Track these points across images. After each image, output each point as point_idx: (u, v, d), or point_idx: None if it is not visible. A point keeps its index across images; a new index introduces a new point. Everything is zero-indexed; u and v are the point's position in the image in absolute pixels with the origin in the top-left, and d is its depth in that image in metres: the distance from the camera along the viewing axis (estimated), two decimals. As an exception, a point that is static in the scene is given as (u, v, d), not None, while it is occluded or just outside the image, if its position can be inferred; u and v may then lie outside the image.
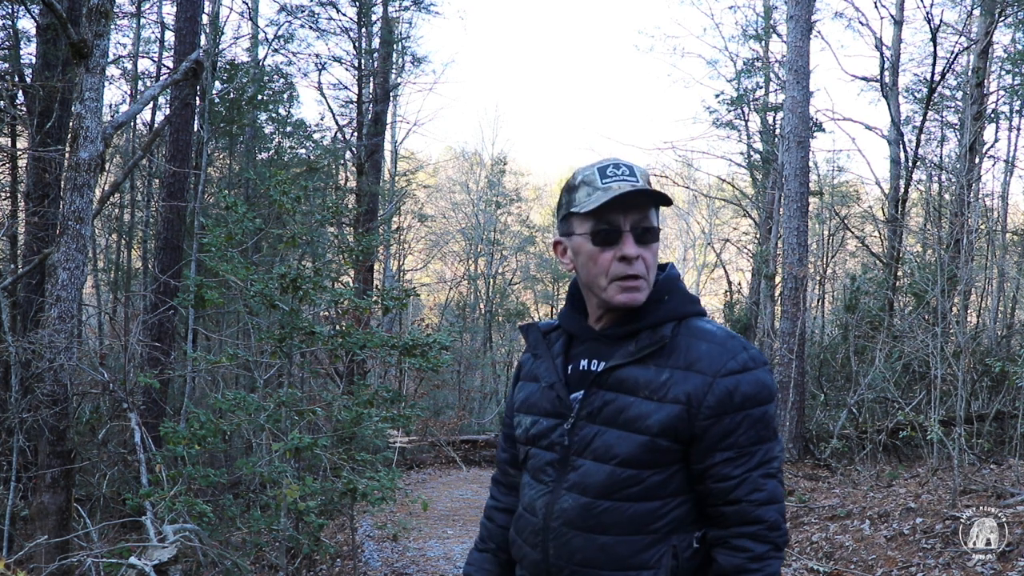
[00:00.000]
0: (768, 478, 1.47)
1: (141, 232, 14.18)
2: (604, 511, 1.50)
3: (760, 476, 1.46)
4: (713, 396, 1.45)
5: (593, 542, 1.50)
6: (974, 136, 11.59)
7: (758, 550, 1.45)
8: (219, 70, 12.18)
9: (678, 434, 1.47)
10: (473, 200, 23.45)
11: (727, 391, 1.45)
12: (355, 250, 7.41)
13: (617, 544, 1.49)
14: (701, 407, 1.45)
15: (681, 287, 1.58)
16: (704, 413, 1.45)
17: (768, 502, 1.46)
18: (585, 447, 1.52)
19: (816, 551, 6.49)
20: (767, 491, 1.46)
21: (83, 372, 6.36)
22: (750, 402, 1.46)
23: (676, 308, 1.54)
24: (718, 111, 16.60)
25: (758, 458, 1.46)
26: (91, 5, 5.21)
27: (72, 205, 5.19)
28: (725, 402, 1.45)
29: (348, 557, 6.26)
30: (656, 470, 1.48)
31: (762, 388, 1.47)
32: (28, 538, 4.99)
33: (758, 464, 1.46)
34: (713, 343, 1.49)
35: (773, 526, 1.46)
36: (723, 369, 1.46)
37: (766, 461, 1.47)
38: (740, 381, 1.46)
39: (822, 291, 17.40)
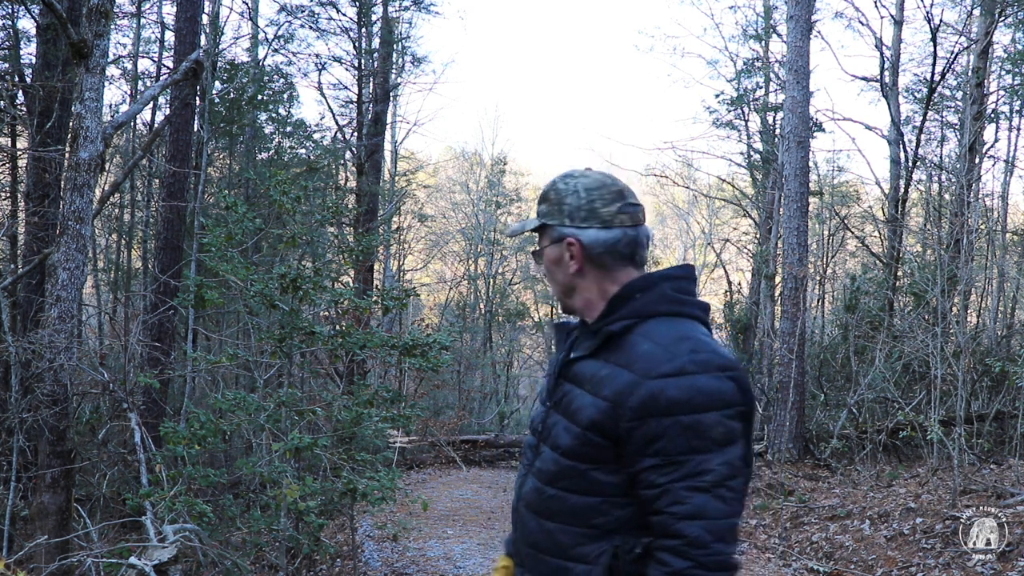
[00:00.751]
0: (695, 491, 1.38)
1: (141, 232, 14.18)
2: (550, 498, 1.54)
3: (684, 488, 1.38)
4: (636, 398, 1.42)
5: (542, 526, 1.56)
6: (974, 136, 11.60)
7: (677, 565, 1.38)
8: (219, 70, 12.18)
9: (605, 431, 1.46)
10: (473, 200, 23.44)
11: (651, 394, 1.41)
12: (355, 250, 7.41)
13: (559, 532, 1.52)
14: (625, 408, 1.43)
15: (662, 288, 1.56)
16: (627, 415, 1.43)
17: (691, 516, 1.37)
18: (548, 434, 1.60)
19: (816, 551, 6.49)
20: (691, 505, 1.38)
21: (83, 372, 6.36)
22: (679, 408, 1.39)
23: (641, 307, 1.54)
24: (718, 111, 16.61)
25: (686, 469, 1.39)
26: (91, 5, 5.21)
27: (72, 205, 5.19)
28: (648, 405, 1.41)
29: (348, 557, 6.26)
30: (593, 465, 1.49)
31: (697, 394, 1.40)
32: (28, 538, 4.99)
33: (685, 475, 1.39)
34: (657, 344, 1.47)
35: (695, 543, 1.37)
36: (654, 371, 1.43)
37: (696, 473, 1.38)
38: (668, 385, 1.41)
39: (822, 291, 17.40)
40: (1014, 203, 18.87)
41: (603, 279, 1.61)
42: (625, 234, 1.59)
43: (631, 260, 1.61)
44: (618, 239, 1.59)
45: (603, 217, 1.59)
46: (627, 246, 1.60)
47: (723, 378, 1.43)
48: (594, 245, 1.59)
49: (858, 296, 11.45)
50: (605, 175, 1.65)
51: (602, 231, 1.59)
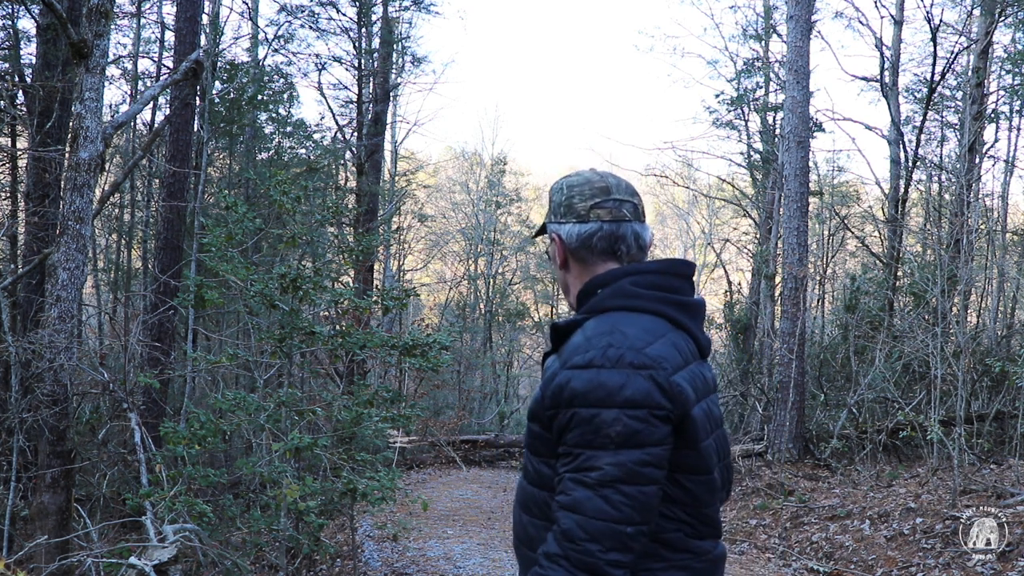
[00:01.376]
0: (579, 485, 1.36)
1: (141, 232, 14.18)
2: (525, 492, 1.59)
3: (570, 480, 1.37)
4: (550, 387, 1.45)
5: (521, 519, 1.60)
6: (974, 136, 11.60)
7: (551, 548, 1.38)
8: (219, 70, 12.18)
9: (540, 421, 1.48)
10: (473, 200, 23.44)
11: (559, 385, 1.42)
12: (355, 250, 7.41)
13: (530, 525, 1.55)
14: (546, 397, 1.46)
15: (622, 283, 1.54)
16: (547, 403, 1.45)
17: (567, 508, 1.36)
18: None
19: (816, 551, 6.49)
20: (571, 497, 1.36)
21: (83, 372, 6.36)
22: (579, 400, 1.38)
23: (599, 303, 1.55)
24: (718, 111, 16.61)
25: (577, 462, 1.37)
26: (91, 5, 5.21)
27: (72, 205, 5.19)
28: (557, 395, 1.42)
29: (348, 557, 6.26)
30: (540, 458, 1.51)
31: (597, 388, 1.37)
32: (28, 538, 4.99)
33: (575, 468, 1.37)
34: (584, 336, 1.47)
35: (567, 535, 1.35)
36: (569, 362, 1.43)
37: (584, 468, 1.36)
38: (574, 377, 1.40)
39: (822, 291, 17.39)
40: (1014, 203, 18.87)
41: (584, 274, 1.62)
42: (601, 228, 1.59)
43: (612, 255, 1.60)
44: (592, 232, 1.59)
45: (578, 211, 1.61)
46: (603, 240, 1.59)
47: (635, 376, 1.38)
48: (569, 239, 1.62)
49: (858, 296, 11.45)
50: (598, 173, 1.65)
51: (577, 225, 1.61)
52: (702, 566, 1.51)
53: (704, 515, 1.52)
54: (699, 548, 1.51)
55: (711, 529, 1.54)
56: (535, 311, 22.84)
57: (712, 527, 1.55)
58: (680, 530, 1.48)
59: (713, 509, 1.55)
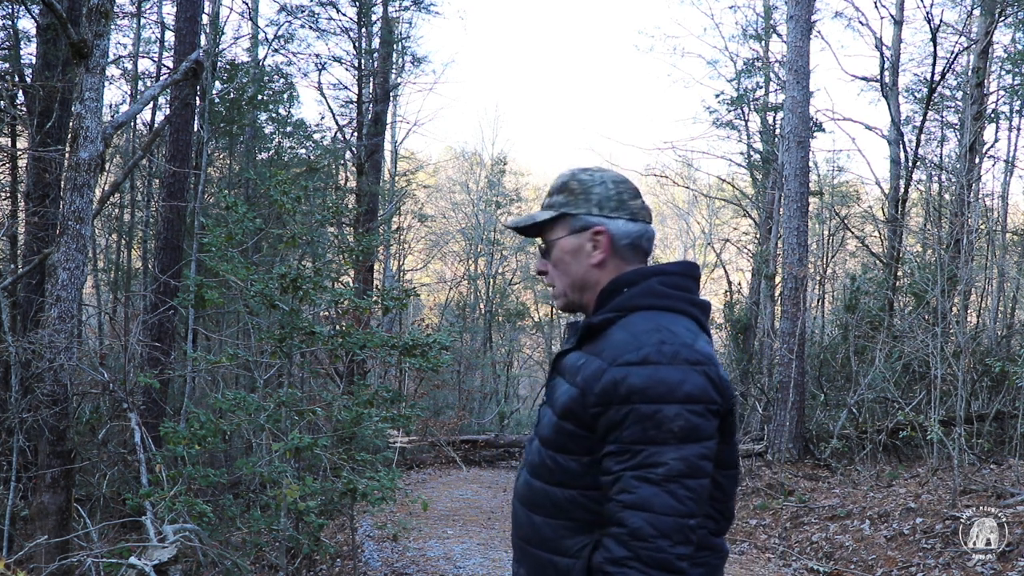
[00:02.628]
0: (643, 482, 1.35)
1: (141, 232, 14.18)
2: (535, 490, 1.55)
3: (633, 477, 1.36)
4: (599, 384, 1.42)
5: (530, 519, 1.55)
6: (974, 136, 11.59)
7: (616, 553, 1.36)
8: (219, 70, 12.18)
9: (577, 419, 1.45)
10: (473, 200, 23.44)
11: (613, 381, 1.40)
12: (355, 250, 7.41)
13: (544, 525, 1.52)
14: (590, 394, 1.43)
15: (651, 283, 1.54)
16: (591, 400, 1.42)
17: (635, 507, 1.35)
18: (538, 426, 1.61)
19: (816, 551, 6.49)
20: (637, 495, 1.35)
21: (83, 372, 6.36)
22: (638, 396, 1.37)
23: (626, 301, 1.53)
24: (718, 111, 16.62)
25: (639, 459, 1.36)
26: (91, 5, 5.21)
27: (72, 205, 5.19)
28: (610, 392, 1.40)
29: (348, 557, 6.26)
30: (568, 455, 1.48)
31: (658, 384, 1.37)
32: (28, 538, 4.99)
33: (636, 465, 1.36)
34: (630, 333, 1.45)
35: (636, 534, 1.34)
36: (620, 359, 1.41)
37: (648, 464, 1.35)
38: (631, 373, 1.39)
39: (822, 291, 17.39)
40: (1014, 203, 18.88)
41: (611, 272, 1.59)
42: (647, 230, 1.61)
43: (645, 256, 1.61)
44: (642, 233, 1.60)
45: (632, 209, 1.60)
46: (648, 242, 1.61)
47: (691, 371, 1.40)
48: (622, 236, 1.59)
49: (858, 296, 11.45)
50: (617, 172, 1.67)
51: (629, 223, 1.59)
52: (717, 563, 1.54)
53: (728, 509, 1.56)
54: (717, 544, 1.53)
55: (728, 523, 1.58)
56: (535, 311, 22.83)
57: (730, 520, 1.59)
58: (705, 526, 1.50)
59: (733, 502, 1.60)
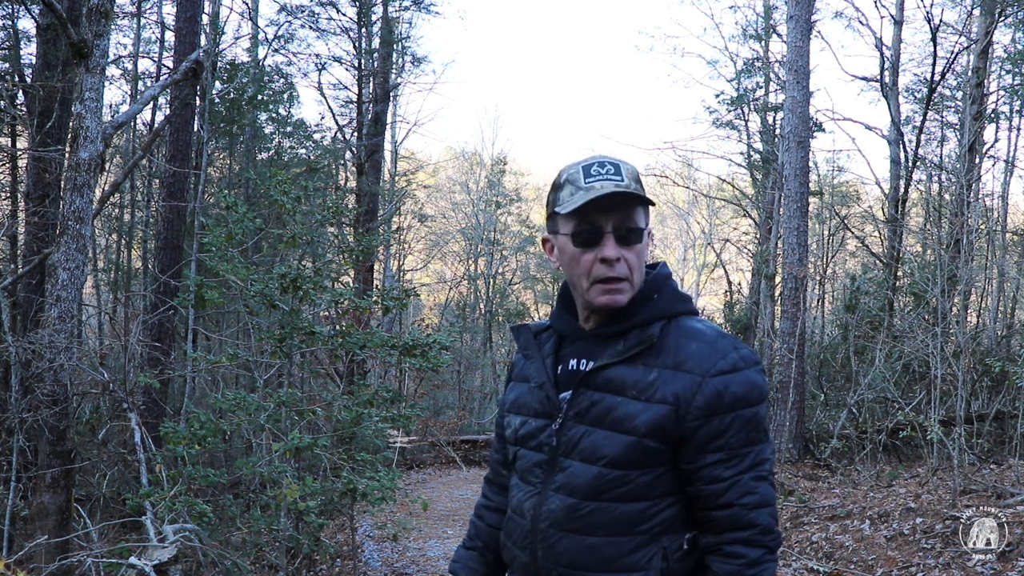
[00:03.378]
0: (759, 481, 1.43)
1: (141, 232, 14.18)
2: (591, 512, 1.47)
3: (751, 479, 1.42)
4: (702, 397, 1.41)
5: (581, 543, 1.48)
6: (974, 136, 11.60)
7: (752, 555, 1.41)
8: (219, 70, 12.18)
9: (666, 435, 1.43)
10: (473, 200, 23.45)
11: (716, 392, 1.41)
12: (355, 250, 7.41)
13: (605, 545, 1.47)
14: (690, 408, 1.42)
15: (671, 286, 1.55)
16: (693, 414, 1.42)
17: (760, 505, 1.42)
18: (572, 447, 1.50)
19: (816, 551, 6.49)
20: (759, 494, 1.42)
21: (83, 372, 6.36)
22: (740, 403, 1.42)
23: (665, 307, 1.51)
24: (718, 111, 16.62)
25: (749, 460, 1.43)
26: (91, 5, 5.21)
27: (72, 205, 5.19)
28: (714, 403, 1.41)
29: (348, 557, 6.26)
30: (644, 471, 1.46)
31: (752, 388, 1.43)
32: (28, 538, 4.99)
33: (749, 466, 1.42)
34: (703, 342, 1.46)
35: (766, 530, 1.42)
36: (713, 369, 1.42)
37: (758, 463, 1.43)
38: (729, 382, 1.42)
39: (822, 291, 17.40)
40: (1014, 203, 18.89)
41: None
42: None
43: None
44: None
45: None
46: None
47: (761, 372, 1.48)
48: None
49: (858, 296, 11.45)
50: None
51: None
52: None
53: None
54: None
55: None
56: (535, 311, 22.83)
57: None
58: None
59: None
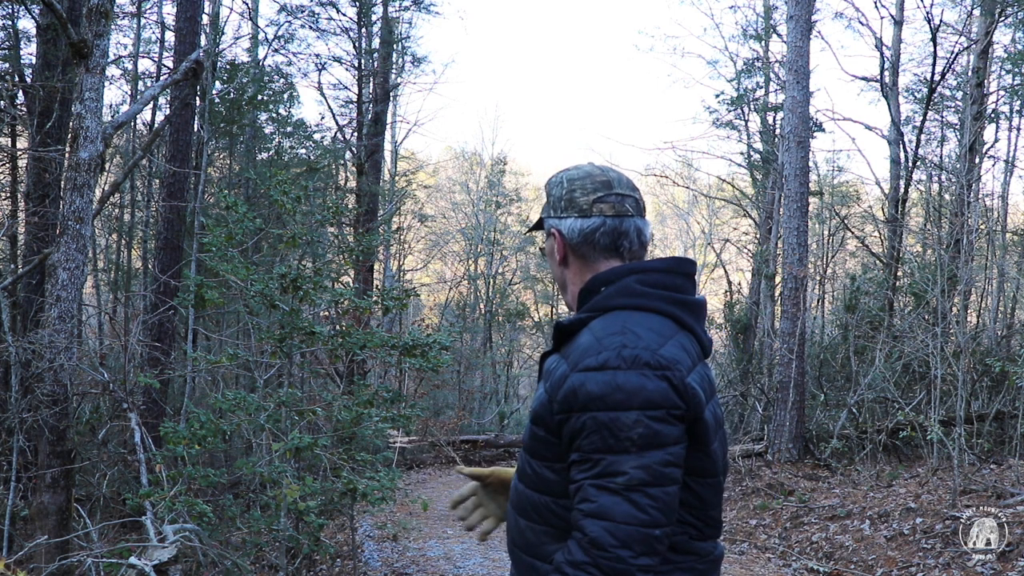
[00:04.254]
0: (603, 491, 1.32)
1: (141, 232, 14.19)
2: (520, 495, 1.54)
3: (592, 486, 1.33)
4: (562, 391, 1.39)
5: (517, 523, 1.55)
6: (974, 136, 11.60)
7: (577, 557, 1.33)
8: (219, 70, 12.18)
9: (547, 425, 1.43)
10: (473, 200, 23.44)
11: (572, 388, 1.37)
12: (355, 250, 7.41)
13: (528, 529, 1.52)
14: (555, 400, 1.41)
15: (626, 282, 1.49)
16: (556, 407, 1.41)
17: (594, 515, 1.32)
18: None
19: (816, 551, 6.49)
20: (597, 504, 1.32)
21: (83, 372, 6.36)
22: (596, 404, 1.34)
23: (602, 301, 1.50)
24: (718, 111, 16.62)
25: (599, 468, 1.33)
26: (91, 5, 5.21)
27: (72, 205, 5.19)
28: (570, 399, 1.37)
29: (348, 557, 6.26)
30: (542, 462, 1.47)
31: (615, 391, 1.33)
32: (28, 538, 4.99)
33: (597, 475, 1.33)
34: (593, 336, 1.42)
35: (595, 543, 1.31)
36: (580, 364, 1.38)
37: (608, 474, 1.32)
38: (587, 379, 1.36)
39: (822, 291, 17.40)
40: (1014, 203, 18.87)
41: (584, 270, 1.57)
42: (604, 223, 1.54)
43: (615, 251, 1.56)
44: (596, 227, 1.54)
45: (580, 206, 1.56)
46: (606, 235, 1.54)
47: (652, 376, 1.35)
48: (571, 234, 1.57)
49: (858, 296, 11.45)
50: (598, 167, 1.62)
51: (579, 220, 1.56)
52: (704, 567, 1.50)
53: (710, 517, 1.51)
54: (702, 550, 1.50)
55: (713, 530, 1.53)
56: (535, 311, 22.83)
57: (715, 528, 1.54)
58: (686, 532, 1.47)
59: (718, 511, 1.54)
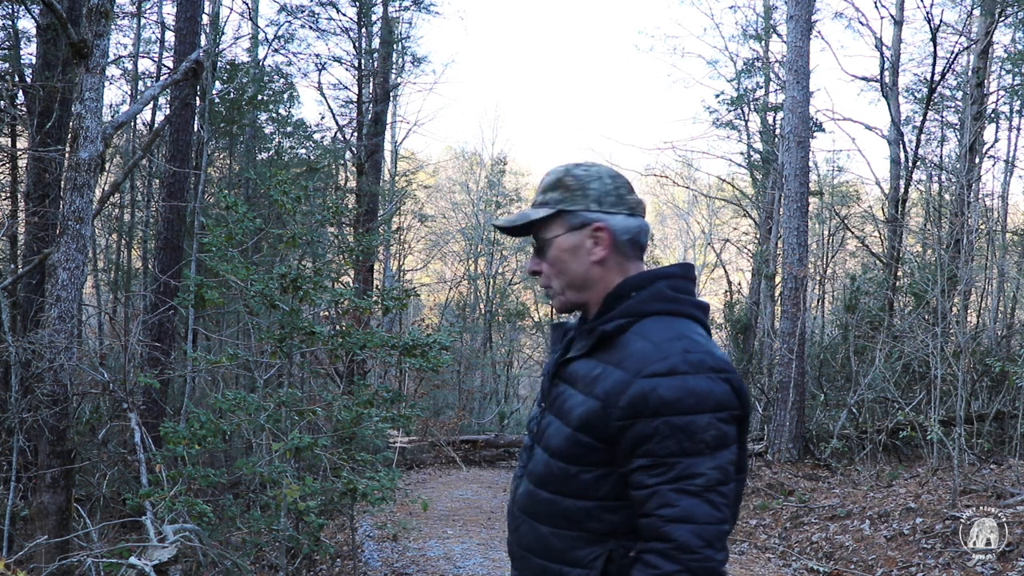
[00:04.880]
0: (683, 494, 1.34)
1: (141, 232, 14.18)
2: (542, 501, 1.51)
3: (672, 490, 1.34)
4: (626, 397, 1.39)
5: (536, 530, 1.52)
6: (974, 136, 11.60)
7: (665, 568, 1.33)
8: (219, 70, 12.18)
9: (596, 432, 1.42)
10: (473, 200, 23.44)
11: (641, 393, 1.37)
12: (355, 250, 7.41)
13: (552, 536, 1.49)
14: (615, 407, 1.40)
15: (658, 287, 1.52)
16: (616, 414, 1.39)
17: (679, 520, 1.33)
18: (542, 435, 1.57)
19: (816, 551, 6.49)
20: (679, 508, 1.34)
21: (83, 372, 6.35)
22: (668, 408, 1.35)
23: (636, 306, 1.50)
24: (718, 111, 16.62)
25: (676, 472, 1.35)
26: (91, 5, 5.21)
27: (72, 205, 5.19)
28: (638, 405, 1.37)
29: (348, 557, 6.26)
30: (584, 468, 1.45)
31: (688, 395, 1.36)
32: (28, 538, 4.99)
33: (674, 478, 1.35)
34: (649, 342, 1.43)
35: (684, 547, 1.32)
36: (646, 370, 1.39)
37: (685, 476, 1.34)
38: (659, 384, 1.37)
39: (822, 291, 17.40)
40: (1014, 203, 18.88)
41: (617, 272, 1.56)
42: (644, 225, 1.58)
43: (643, 252, 1.59)
44: (642, 228, 1.57)
45: (629, 204, 1.57)
46: (646, 237, 1.58)
47: (717, 380, 1.39)
48: (622, 232, 1.55)
49: (858, 296, 11.45)
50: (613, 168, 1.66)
51: (629, 218, 1.56)
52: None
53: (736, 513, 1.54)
54: None
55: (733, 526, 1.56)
56: (535, 311, 22.82)
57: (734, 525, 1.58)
58: None
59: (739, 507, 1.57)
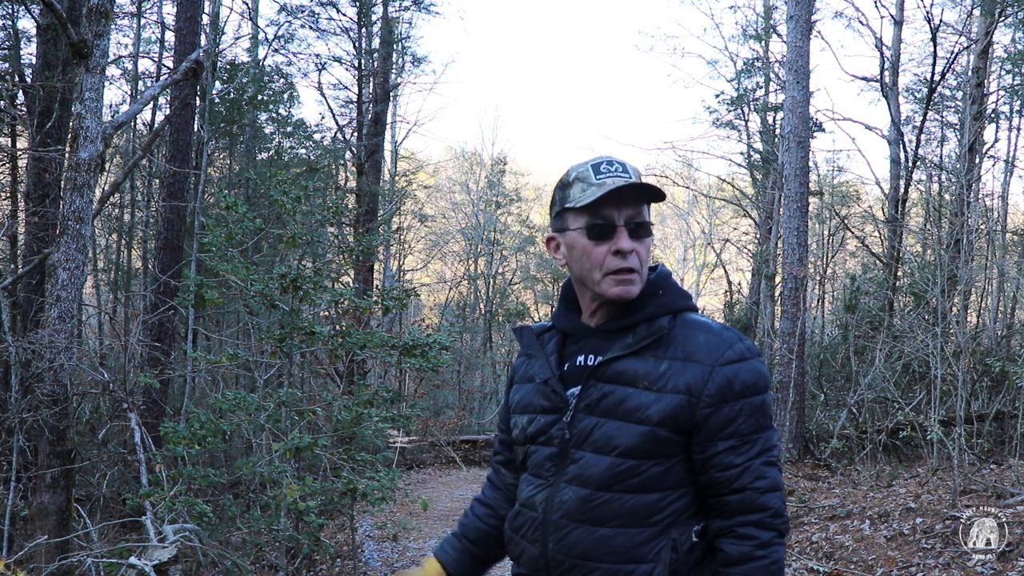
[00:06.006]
0: (769, 466, 1.49)
1: (141, 232, 14.18)
2: (603, 503, 1.51)
3: (762, 464, 1.49)
4: (713, 385, 1.48)
5: (592, 534, 1.52)
6: (974, 136, 11.60)
7: (764, 537, 1.47)
8: (219, 70, 12.18)
9: (678, 424, 1.49)
10: (473, 200, 23.45)
11: (726, 379, 1.48)
12: (355, 250, 7.42)
13: (616, 536, 1.50)
14: (702, 396, 1.48)
15: (674, 283, 1.62)
16: (704, 402, 1.48)
17: (771, 489, 1.49)
18: (585, 439, 1.55)
19: (816, 551, 6.49)
20: (769, 479, 1.49)
21: (83, 372, 6.35)
22: (749, 390, 1.49)
23: (670, 302, 1.58)
24: (718, 111, 16.62)
25: (759, 446, 1.49)
26: (91, 5, 5.21)
27: (72, 205, 5.18)
28: (725, 390, 1.48)
29: (348, 557, 6.26)
30: (656, 461, 1.51)
31: (760, 377, 1.51)
32: (28, 538, 4.99)
33: (759, 452, 1.49)
34: (710, 334, 1.54)
35: (777, 513, 1.48)
36: (722, 359, 1.49)
37: (767, 449, 1.50)
38: (739, 370, 1.49)
39: (822, 291, 17.41)
40: (1014, 203, 18.87)
41: None
42: None
43: None
44: None
45: None
46: None
47: (763, 362, 1.55)
48: None
49: (858, 296, 11.45)
50: None
51: None
52: None
53: None
54: None
55: None
56: (535, 311, 22.82)
57: None
58: None
59: None
